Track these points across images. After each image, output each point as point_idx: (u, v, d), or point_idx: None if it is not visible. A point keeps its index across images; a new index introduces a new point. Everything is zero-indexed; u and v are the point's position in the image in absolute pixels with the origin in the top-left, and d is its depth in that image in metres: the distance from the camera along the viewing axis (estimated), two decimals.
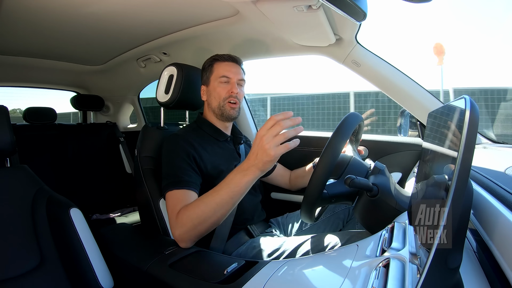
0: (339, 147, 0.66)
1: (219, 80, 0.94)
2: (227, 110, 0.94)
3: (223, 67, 0.95)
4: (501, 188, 0.44)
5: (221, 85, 0.94)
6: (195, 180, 0.81)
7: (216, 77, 0.94)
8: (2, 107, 0.82)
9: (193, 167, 0.83)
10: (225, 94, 0.93)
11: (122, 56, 1.66)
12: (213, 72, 0.96)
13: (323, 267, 0.54)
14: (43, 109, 1.93)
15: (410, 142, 1.19)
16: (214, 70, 0.96)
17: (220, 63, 0.96)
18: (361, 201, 0.72)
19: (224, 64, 0.96)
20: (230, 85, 0.94)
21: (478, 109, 0.33)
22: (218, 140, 0.96)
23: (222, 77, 0.94)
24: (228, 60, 0.97)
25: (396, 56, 26.56)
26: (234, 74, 0.95)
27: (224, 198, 0.66)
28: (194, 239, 0.72)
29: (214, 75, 0.95)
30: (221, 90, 0.94)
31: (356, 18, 0.76)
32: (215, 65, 0.96)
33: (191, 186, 0.78)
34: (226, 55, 0.98)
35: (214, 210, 0.67)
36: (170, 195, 0.77)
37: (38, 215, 0.79)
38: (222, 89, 0.94)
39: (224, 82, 0.94)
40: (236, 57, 0.99)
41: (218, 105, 0.94)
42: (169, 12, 1.10)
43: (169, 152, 0.86)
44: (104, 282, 0.73)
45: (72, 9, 1.07)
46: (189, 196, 0.77)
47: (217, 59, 0.97)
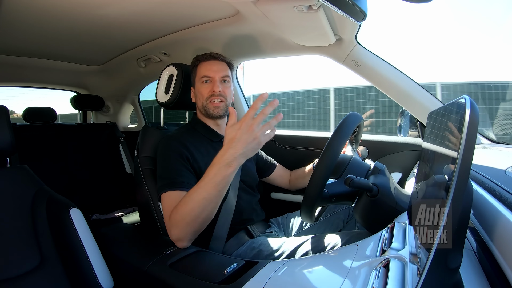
0: (339, 147, 0.66)
1: (201, 80, 0.95)
2: (210, 110, 0.94)
3: (205, 67, 0.95)
4: (501, 188, 0.44)
5: (203, 85, 0.94)
6: (189, 180, 0.81)
7: (199, 78, 0.95)
8: (2, 107, 0.82)
9: (187, 167, 0.84)
10: (207, 93, 0.94)
11: (122, 56, 1.66)
12: (196, 73, 0.97)
13: (323, 267, 0.54)
14: (43, 109, 1.93)
15: (410, 142, 1.19)
16: (197, 71, 0.97)
17: (202, 63, 0.97)
18: (361, 201, 0.72)
19: (206, 63, 0.96)
20: (211, 84, 0.94)
21: (478, 109, 0.33)
22: (212, 140, 0.96)
23: (203, 77, 0.94)
24: (209, 59, 0.97)
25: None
26: (215, 72, 0.94)
27: (211, 193, 0.67)
28: (191, 237, 0.72)
29: (197, 76, 0.96)
30: (203, 90, 0.94)
31: (356, 18, 0.76)
32: (198, 66, 0.97)
33: (185, 187, 0.78)
34: (207, 54, 0.97)
35: (203, 206, 0.68)
36: (164, 196, 0.78)
37: (38, 215, 0.79)
38: (204, 89, 0.94)
39: (206, 81, 0.94)
40: (217, 54, 0.98)
41: (202, 105, 0.95)
42: (169, 12, 1.10)
43: (163, 155, 0.86)
44: (104, 282, 0.73)
45: (72, 9, 1.07)
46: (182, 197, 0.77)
47: (199, 60, 0.97)
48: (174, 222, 0.71)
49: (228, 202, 0.88)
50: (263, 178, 1.15)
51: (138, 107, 2.27)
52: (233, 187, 0.91)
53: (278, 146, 1.50)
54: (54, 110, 1.96)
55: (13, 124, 1.64)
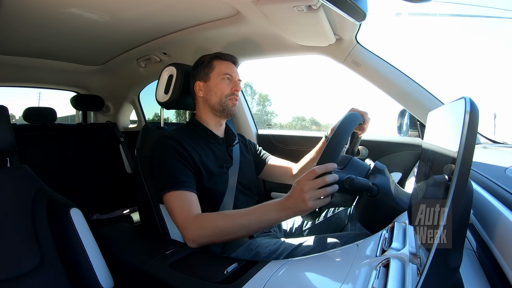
0: (339, 146, 0.66)
1: (221, 77, 0.95)
2: (229, 107, 0.95)
3: (226, 66, 0.96)
4: (501, 188, 0.44)
5: (224, 81, 0.95)
6: (191, 180, 0.82)
7: (219, 74, 0.95)
8: (2, 107, 0.82)
9: (188, 166, 0.84)
10: (229, 91, 0.95)
11: (122, 56, 1.66)
12: (214, 68, 0.96)
13: (323, 267, 0.54)
14: (43, 109, 1.93)
15: (410, 142, 1.19)
16: (215, 67, 0.96)
17: (222, 61, 0.97)
18: (361, 201, 0.72)
19: (226, 63, 0.97)
20: (233, 83, 0.96)
21: (478, 109, 0.33)
22: (209, 142, 0.96)
23: (225, 75, 0.95)
24: (230, 60, 0.99)
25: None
26: (236, 75, 0.98)
27: (253, 223, 0.70)
28: (205, 243, 0.74)
29: (216, 71, 0.96)
30: (224, 87, 0.95)
31: (356, 18, 0.76)
32: (216, 62, 0.97)
33: (189, 187, 0.79)
34: (228, 55, 0.99)
35: (238, 229, 0.70)
36: (172, 195, 0.78)
37: (38, 215, 0.79)
38: (226, 85, 0.95)
39: (227, 79, 0.95)
40: (236, 58, 1.01)
41: (219, 101, 0.95)
42: (169, 12, 1.10)
43: (161, 154, 0.86)
44: (104, 282, 0.73)
45: (72, 9, 1.07)
46: (192, 198, 0.78)
47: (219, 57, 0.98)
48: (201, 226, 0.72)
49: (224, 203, 0.88)
50: (259, 175, 1.13)
51: (138, 107, 2.27)
52: (230, 189, 0.91)
53: (278, 146, 1.50)
54: (54, 110, 1.96)
55: (13, 124, 1.64)
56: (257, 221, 0.69)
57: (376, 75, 1.10)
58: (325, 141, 0.99)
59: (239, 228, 0.70)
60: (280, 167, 1.11)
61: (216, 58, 0.98)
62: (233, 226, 0.70)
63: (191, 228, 0.73)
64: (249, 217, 0.70)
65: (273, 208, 0.68)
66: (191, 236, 0.73)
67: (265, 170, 1.12)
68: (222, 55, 0.98)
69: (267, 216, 0.69)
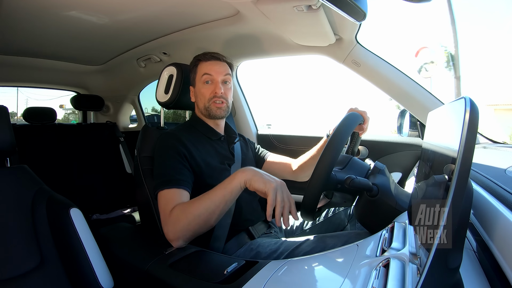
0: (339, 146, 0.66)
1: (202, 80, 0.94)
2: (213, 111, 0.94)
3: (206, 67, 0.94)
4: (501, 188, 0.44)
5: (205, 86, 0.94)
6: (186, 179, 0.81)
7: (200, 78, 0.94)
8: (2, 107, 0.82)
9: (185, 165, 0.83)
10: (209, 94, 0.93)
11: (122, 56, 1.66)
12: (197, 72, 0.96)
13: (323, 267, 0.54)
14: (43, 109, 1.93)
15: (410, 142, 1.19)
16: (197, 71, 0.96)
17: (203, 63, 0.95)
18: (361, 201, 0.72)
19: (207, 63, 0.95)
20: (213, 85, 0.93)
21: (478, 109, 0.33)
22: (210, 139, 0.96)
23: (204, 76, 0.93)
24: (211, 59, 0.95)
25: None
26: (217, 73, 0.93)
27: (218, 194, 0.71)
28: (188, 237, 0.72)
29: (198, 75, 0.95)
30: (205, 91, 0.94)
31: (356, 18, 0.76)
32: (199, 65, 0.96)
33: (182, 185, 0.78)
34: (208, 53, 0.96)
35: (208, 207, 0.70)
36: (162, 194, 0.78)
37: (38, 215, 0.79)
38: (206, 89, 0.93)
39: (208, 82, 0.94)
40: (218, 54, 0.97)
41: (204, 106, 0.95)
42: (169, 12, 1.11)
43: (161, 151, 0.86)
44: (104, 282, 0.73)
45: (72, 9, 1.07)
46: (180, 195, 0.77)
47: (200, 59, 0.96)
48: (175, 219, 0.71)
49: None
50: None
51: (138, 107, 2.27)
52: None
53: (278, 146, 1.50)
54: (54, 110, 1.96)
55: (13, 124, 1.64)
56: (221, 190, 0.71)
57: (376, 75, 1.10)
58: (326, 139, 0.98)
59: (208, 205, 0.70)
60: (279, 163, 1.11)
61: (199, 61, 0.96)
62: (203, 206, 0.70)
63: (167, 225, 0.72)
64: (214, 191, 0.71)
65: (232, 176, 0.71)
66: (168, 233, 0.72)
67: (264, 167, 1.12)
68: (204, 56, 0.96)
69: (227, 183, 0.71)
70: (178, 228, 0.70)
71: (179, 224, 0.70)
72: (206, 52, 0.97)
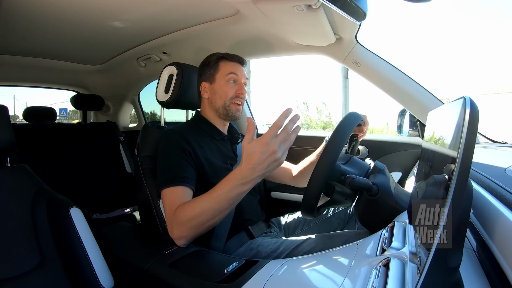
0: (339, 145, 0.66)
1: (226, 79, 0.92)
2: (232, 111, 0.93)
3: (232, 67, 0.93)
4: (501, 188, 0.44)
5: (229, 84, 0.92)
6: (191, 176, 0.80)
7: (223, 76, 0.93)
8: (2, 106, 0.82)
9: (190, 162, 0.83)
10: (233, 93, 0.92)
11: (122, 56, 1.66)
12: (220, 70, 0.93)
13: (323, 267, 0.54)
14: (43, 109, 1.93)
15: (410, 142, 1.19)
16: (220, 68, 0.94)
17: (228, 62, 0.94)
18: (361, 200, 0.72)
19: (232, 64, 0.94)
20: (238, 85, 0.93)
21: (478, 109, 0.33)
22: (214, 138, 0.96)
23: (230, 75, 0.92)
24: (237, 61, 0.96)
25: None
26: (242, 76, 0.94)
27: (222, 206, 0.67)
28: (192, 238, 0.72)
29: (221, 73, 0.93)
30: (228, 89, 0.92)
31: (356, 18, 0.76)
32: (222, 63, 0.94)
33: (187, 182, 0.78)
34: (234, 55, 0.96)
35: (212, 215, 0.68)
36: (166, 192, 0.77)
37: (38, 215, 0.79)
38: (230, 88, 0.92)
39: (232, 81, 0.93)
40: (243, 58, 0.98)
41: (223, 104, 0.93)
42: (169, 11, 1.10)
43: (165, 149, 0.85)
44: (104, 281, 0.74)
45: (72, 8, 1.07)
46: (185, 193, 0.77)
47: (226, 58, 0.95)
48: (179, 221, 0.70)
49: None
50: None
51: (138, 106, 2.27)
52: None
53: None
54: (54, 109, 1.96)
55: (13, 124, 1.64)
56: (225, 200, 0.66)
57: (376, 74, 1.10)
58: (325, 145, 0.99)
59: (211, 213, 0.67)
60: (280, 168, 1.09)
61: (223, 59, 0.95)
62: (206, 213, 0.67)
63: (170, 225, 0.72)
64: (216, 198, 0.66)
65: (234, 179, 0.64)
66: (173, 234, 0.71)
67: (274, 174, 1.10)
68: (229, 56, 0.95)
69: (233, 192, 0.65)
70: (183, 227, 0.70)
71: (185, 223, 0.69)
72: (230, 54, 0.96)
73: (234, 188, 0.64)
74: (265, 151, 0.59)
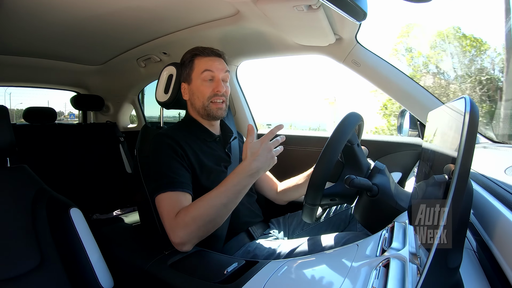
0: (338, 146, 0.66)
1: (201, 77, 0.87)
2: (213, 111, 0.88)
3: (206, 63, 0.87)
4: (501, 188, 0.44)
5: (204, 83, 0.87)
6: (187, 181, 0.78)
7: (198, 75, 0.87)
8: (2, 107, 0.82)
9: (184, 165, 0.80)
10: (210, 93, 0.87)
11: (122, 56, 1.66)
12: (194, 68, 0.88)
13: (323, 267, 0.54)
14: (43, 109, 1.93)
15: (410, 142, 1.19)
16: (195, 67, 0.88)
17: (202, 58, 0.88)
18: (361, 201, 0.72)
19: (207, 59, 0.88)
20: (214, 83, 0.87)
21: (478, 109, 0.33)
22: (206, 140, 0.92)
23: (205, 73, 0.87)
24: (211, 55, 0.89)
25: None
26: (218, 70, 0.87)
27: (231, 199, 0.71)
28: (195, 242, 0.71)
29: (196, 72, 0.88)
30: (204, 89, 0.87)
31: (356, 18, 0.76)
32: (197, 60, 0.88)
33: (185, 188, 0.76)
34: (208, 49, 0.89)
35: (220, 211, 0.70)
36: (164, 197, 0.74)
37: (38, 215, 0.79)
38: (206, 87, 0.87)
39: (208, 79, 0.87)
40: (218, 50, 0.91)
41: (202, 105, 0.88)
42: (169, 11, 1.10)
43: (156, 152, 0.81)
44: (104, 282, 0.73)
45: (72, 9, 1.07)
46: (185, 199, 0.75)
47: (198, 54, 0.89)
48: (183, 223, 0.68)
49: None
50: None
51: (138, 107, 2.27)
52: None
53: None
54: (54, 110, 1.96)
55: (13, 124, 1.64)
56: (233, 193, 0.71)
57: (376, 75, 1.10)
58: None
59: (219, 208, 0.70)
60: (268, 181, 1.08)
61: (196, 56, 0.89)
62: (214, 209, 0.69)
63: (173, 230, 0.69)
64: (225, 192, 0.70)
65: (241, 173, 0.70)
66: (176, 239, 0.69)
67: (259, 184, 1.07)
68: (202, 51, 0.89)
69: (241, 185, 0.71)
70: (186, 233, 0.68)
71: (190, 224, 0.68)
72: (204, 47, 0.90)
73: (242, 180, 0.70)
74: (265, 148, 0.70)
